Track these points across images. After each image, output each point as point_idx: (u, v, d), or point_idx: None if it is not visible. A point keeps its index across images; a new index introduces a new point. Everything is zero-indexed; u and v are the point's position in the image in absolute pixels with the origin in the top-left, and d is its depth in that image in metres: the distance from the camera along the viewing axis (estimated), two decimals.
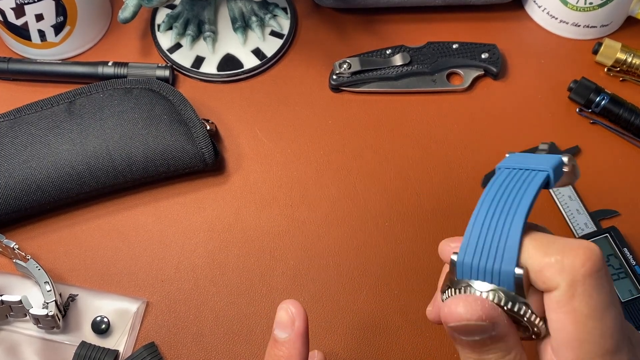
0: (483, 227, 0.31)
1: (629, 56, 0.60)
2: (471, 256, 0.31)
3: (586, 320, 0.29)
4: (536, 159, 0.34)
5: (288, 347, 0.34)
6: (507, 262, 0.30)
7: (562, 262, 0.29)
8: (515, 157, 0.35)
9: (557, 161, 0.33)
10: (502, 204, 0.31)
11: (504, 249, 0.30)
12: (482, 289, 0.30)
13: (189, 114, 0.54)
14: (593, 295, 0.29)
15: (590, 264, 0.29)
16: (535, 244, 0.30)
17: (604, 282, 0.29)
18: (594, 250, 0.29)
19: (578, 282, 0.29)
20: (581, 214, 0.53)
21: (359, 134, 0.58)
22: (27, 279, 0.50)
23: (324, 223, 0.54)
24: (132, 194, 0.55)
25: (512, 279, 0.30)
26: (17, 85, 0.60)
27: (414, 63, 0.60)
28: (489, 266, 0.30)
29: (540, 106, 0.60)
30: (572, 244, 0.30)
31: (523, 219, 0.30)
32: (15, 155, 0.51)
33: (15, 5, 0.55)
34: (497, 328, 0.30)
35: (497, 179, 0.33)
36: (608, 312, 0.29)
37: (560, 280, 0.29)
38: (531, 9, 0.65)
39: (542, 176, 0.32)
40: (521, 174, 0.33)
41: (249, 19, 0.62)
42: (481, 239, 0.31)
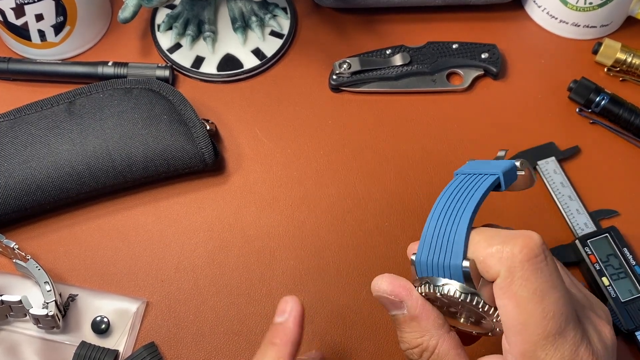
0: (436, 227, 0.34)
1: (628, 56, 0.60)
2: (426, 254, 0.34)
3: (526, 303, 0.31)
4: (490, 165, 0.36)
5: (283, 328, 0.36)
6: (455, 256, 0.33)
7: (502, 251, 0.31)
8: (473, 164, 0.38)
9: (509, 165, 0.36)
10: (452, 205, 0.34)
11: (452, 245, 0.33)
12: (439, 283, 0.33)
13: (189, 114, 0.54)
14: (531, 279, 0.31)
15: (527, 250, 0.31)
16: (480, 237, 0.33)
17: (543, 266, 0.31)
18: (532, 238, 0.31)
19: (516, 267, 0.31)
20: (581, 213, 0.53)
21: (359, 134, 0.58)
22: (27, 279, 0.50)
23: (324, 223, 0.54)
24: (132, 194, 0.55)
25: (460, 271, 0.33)
26: (17, 85, 0.60)
27: (414, 63, 0.60)
28: (440, 261, 0.33)
29: (540, 106, 0.60)
30: (513, 234, 0.32)
31: (469, 216, 0.33)
32: (15, 155, 0.51)
33: (15, 5, 0.55)
34: (408, 308, 0.35)
35: (452, 184, 0.36)
36: (548, 295, 0.31)
37: (500, 268, 0.31)
38: (531, 9, 0.65)
39: (491, 179, 0.35)
40: (473, 178, 0.36)
41: (248, 19, 0.62)
42: (434, 238, 0.34)
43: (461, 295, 0.32)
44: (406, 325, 0.35)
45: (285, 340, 0.36)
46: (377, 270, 0.51)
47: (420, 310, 0.35)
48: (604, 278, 0.49)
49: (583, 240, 0.51)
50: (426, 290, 0.34)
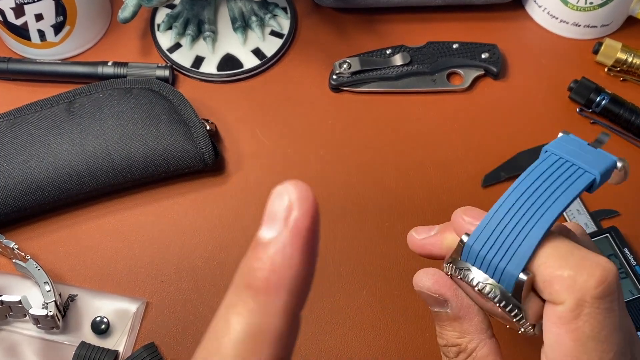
0: (505, 217, 0.29)
1: (629, 56, 0.60)
2: (481, 244, 0.29)
3: (587, 340, 0.28)
4: (589, 154, 0.31)
5: (273, 252, 0.23)
6: (515, 264, 0.28)
7: (575, 279, 0.27)
8: (568, 143, 0.32)
9: (610, 164, 0.31)
10: (534, 198, 0.29)
11: (516, 250, 0.28)
12: (480, 278, 0.30)
13: (189, 114, 0.54)
14: (599, 318, 0.28)
15: (604, 287, 0.27)
16: (551, 252, 0.28)
17: (614, 306, 0.28)
18: (611, 271, 0.28)
19: (587, 302, 0.27)
20: (582, 214, 0.53)
21: (359, 134, 0.58)
22: (26, 279, 0.50)
23: (324, 223, 0.53)
24: (132, 194, 0.54)
25: (513, 282, 0.29)
26: (16, 85, 0.60)
27: (414, 63, 0.60)
28: (495, 261, 0.29)
29: (540, 106, 0.60)
30: (590, 260, 0.28)
31: (550, 223, 0.28)
32: (15, 155, 0.51)
33: (14, 5, 0.55)
34: (452, 309, 0.32)
35: (540, 165, 0.30)
36: (612, 337, 0.28)
37: (568, 297, 0.28)
38: (531, 8, 0.65)
39: (587, 179, 0.30)
40: (567, 167, 0.30)
41: (248, 18, 0.62)
42: (498, 230, 0.29)
43: (501, 302, 0.29)
44: (447, 324, 0.33)
45: (278, 285, 0.23)
46: (376, 271, 0.51)
47: (465, 312, 0.32)
48: None
49: None
50: (463, 277, 0.30)
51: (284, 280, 0.22)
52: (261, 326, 0.20)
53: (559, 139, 0.32)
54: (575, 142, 0.32)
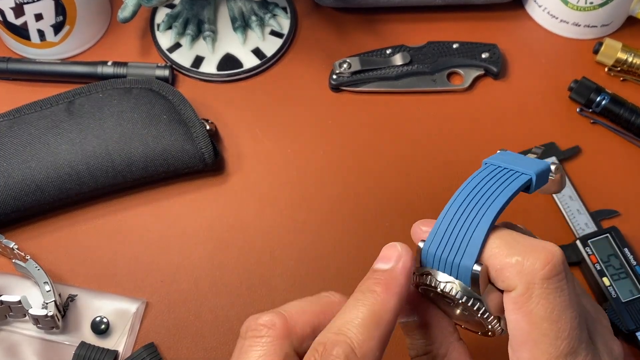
0: (453, 219, 0.32)
1: (629, 56, 0.60)
2: (436, 246, 0.32)
3: (541, 321, 0.29)
4: (524, 162, 0.34)
5: (387, 277, 0.31)
6: (468, 257, 0.31)
7: (522, 264, 0.29)
8: (505, 155, 0.35)
9: (544, 167, 0.34)
10: (477, 199, 0.32)
11: (467, 244, 0.31)
12: (442, 279, 0.32)
13: (189, 114, 0.54)
14: (549, 298, 0.29)
15: (550, 267, 0.29)
16: (499, 243, 0.30)
17: (563, 285, 0.29)
18: (555, 254, 0.30)
19: (535, 284, 0.29)
20: (582, 214, 0.53)
21: (359, 134, 0.58)
22: (26, 279, 0.50)
23: (324, 223, 0.53)
24: (132, 194, 0.54)
25: (469, 274, 0.30)
26: (16, 85, 0.60)
27: (414, 63, 0.60)
28: (450, 259, 0.31)
29: (540, 106, 0.60)
30: (535, 245, 0.30)
31: (493, 217, 0.31)
32: (15, 155, 0.51)
33: (14, 4, 0.55)
34: (418, 316, 0.33)
35: (480, 173, 0.33)
36: (564, 315, 0.29)
37: (518, 282, 0.29)
38: (531, 8, 0.65)
39: (523, 179, 0.33)
40: (504, 172, 0.33)
41: (248, 18, 0.62)
42: (449, 231, 0.31)
43: (463, 298, 0.31)
44: (416, 332, 0.34)
45: (391, 291, 0.30)
46: None
47: (431, 317, 0.33)
48: (604, 278, 0.49)
49: (584, 241, 0.51)
50: (426, 282, 0.32)
51: (397, 291, 0.30)
52: (380, 313, 0.29)
53: (497, 154, 0.35)
54: (512, 155, 0.35)
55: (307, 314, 0.31)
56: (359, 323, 0.29)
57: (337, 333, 0.29)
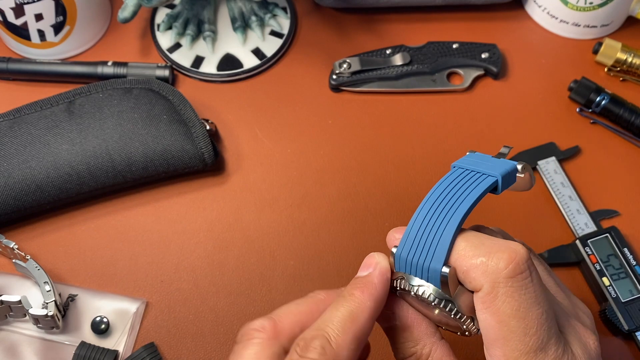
0: (422, 224, 0.33)
1: (629, 56, 0.60)
2: (407, 251, 0.33)
3: (508, 319, 0.30)
4: (491, 163, 0.35)
5: (364, 282, 0.33)
6: (436, 260, 0.32)
7: (487, 264, 0.31)
8: (473, 157, 0.36)
9: (510, 168, 0.34)
10: (444, 203, 0.33)
11: (436, 248, 0.32)
12: (415, 283, 0.33)
13: (189, 114, 0.54)
14: (514, 296, 0.30)
15: (513, 266, 0.30)
16: (465, 245, 0.32)
17: (527, 283, 0.31)
18: (518, 253, 0.31)
19: (500, 283, 0.30)
20: (581, 214, 0.53)
21: (359, 134, 0.58)
22: (26, 279, 0.50)
23: (324, 223, 0.53)
24: (132, 194, 0.54)
25: (439, 277, 0.31)
26: (16, 85, 0.60)
27: (414, 63, 0.60)
28: (420, 262, 0.32)
29: (540, 106, 0.60)
30: (499, 245, 0.31)
31: (459, 220, 0.32)
32: (15, 155, 0.51)
33: (14, 5, 0.55)
34: (399, 319, 0.34)
35: (447, 177, 0.34)
36: (531, 312, 0.30)
37: (484, 281, 0.31)
38: (531, 8, 0.65)
39: (489, 181, 0.33)
40: (471, 175, 0.34)
41: (248, 18, 0.62)
42: (418, 236, 0.32)
43: (435, 300, 0.32)
44: (399, 336, 0.35)
45: (367, 294, 0.32)
46: None
47: (412, 320, 0.34)
48: (604, 278, 0.49)
49: (583, 240, 0.51)
50: (400, 286, 0.33)
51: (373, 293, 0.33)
52: (356, 312, 0.32)
53: (465, 156, 0.36)
54: (480, 156, 0.36)
55: (295, 314, 0.33)
56: (337, 320, 0.31)
57: (317, 329, 0.31)
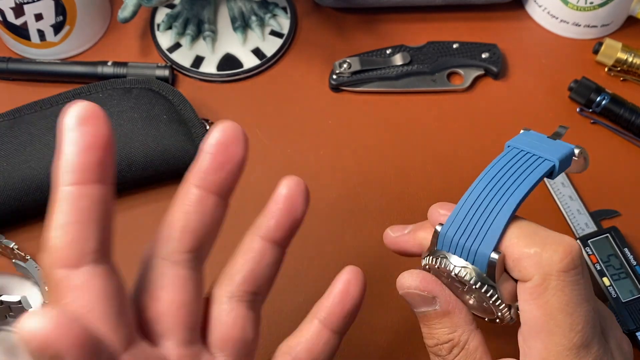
0: (474, 205, 0.32)
1: (629, 56, 0.60)
2: (454, 230, 0.32)
3: (556, 313, 0.30)
4: (548, 145, 0.34)
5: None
6: (486, 244, 0.31)
7: (541, 255, 0.30)
8: (529, 137, 0.34)
9: (568, 151, 0.33)
10: (499, 186, 0.32)
11: (487, 232, 0.31)
12: (457, 263, 0.32)
13: (189, 114, 0.54)
14: (565, 290, 0.30)
15: (568, 261, 0.30)
16: (518, 233, 0.31)
17: (579, 279, 0.30)
18: (574, 248, 0.30)
19: (552, 276, 0.30)
20: (582, 214, 0.53)
21: (359, 133, 0.58)
22: (26, 279, 0.50)
23: (324, 223, 0.53)
24: (132, 194, 0.54)
25: (486, 261, 0.31)
26: (16, 85, 0.60)
27: (414, 63, 0.60)
28: (467, 244, 0.31)
29: (540, 106, 0.60)
30: (554, 238, 0.31)
31: (515, 205, 0.31)
32: (15, 155, 0.51)
33: (14, 4, 0.55)
34: (440, 303, 0.33)
35: (503, 157, 0.33)
36: (579, 308, 0.30)
37: (535, 272, 0.30)
38: (532, 8, 0.65)
39: (546, 165, 0.32)
40: (528, 157, 0.33)
41: (248, 18, 0.62)
42: (468, 216, 0.32)
43: (477, 284, 0.31)
44: (437, 321, 0.34)
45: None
46: (377, 271, 0.51)
47: (454, 305, 0.33)
48: (604, 278, 0.49)
49: (584, 241, 0.51)
50: (440, 265, 0.32)
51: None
52: None
53: (520, 135, 0.35)
54: (535, 136, 0.35)
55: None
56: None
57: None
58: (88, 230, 0.26)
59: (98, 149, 0.25)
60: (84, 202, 0.26)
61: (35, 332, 0.21)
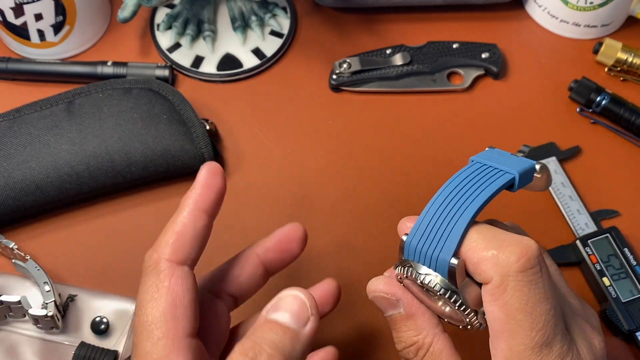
0: (436, 214, 0.33)
1: (629, 56, 0.60)
2: (418, 239, 0.33)
3: (516, 312, 0.30)
4: (510, 160, 0.35)
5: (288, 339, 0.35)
6: (445, 251, 0.32)
7: (498, 257, 0.31)
8: (492, 153, 0.36)
9: (528, 166, 0.34)
10: (459, 195, 0.33)
11: (447, 238, 0.32)
12: (421, 271, 0.33)
13: (189, 114, 0.54)
14: (524, 290, 0.30)
15: (524, 261, 0.30)
16: (477, 237, 0.32)
17: (537, 278, 0.31)
18: (530, 247, 0.31)
19: (510, 277, 0.30)
20: (582, 214, 0.53)
21: (359, 134, 0.58)
22: (26, 279, 0.50)
23: (324, 223, 0.53)
24: (132, 194, 0.54)
25: (447, 267, 0.31)
26: (16, 85, 0.60)
27: (414, 63, 0.60)
28: (429, 252, 0.32)
29: (540, 106, 0.60)
30: (511, 239, 0.31)
31: (473, 212, 0.32)
32: (15, 155, 0.51)
33: (14, 4, 0.55)
34: (404, 307, 0.34)
35: (465, 170, 0.34)
36: (539, 307, 0.30)
37: (494, 274, 0.31)
38: (532, 8, 0.65)
39: (506, 177, 0.33)
40: (489, 170, 0.34)
41: (248, 18, 0.62)
42: (430, 225, 0.32)
43: (441, 290, 0.32)
44: (402, 324, 0.35)
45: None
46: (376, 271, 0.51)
47: (416, 308, 0.35)
48: (604, 278, 0.49)
49: (584, 241, 0.51)
50: (407, 274, 0.33)
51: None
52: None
53: (484, 152, 0.36)
54: (499, 153, 0.36)
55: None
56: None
57: None
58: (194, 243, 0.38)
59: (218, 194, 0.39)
60: (199, 223, 0.38)
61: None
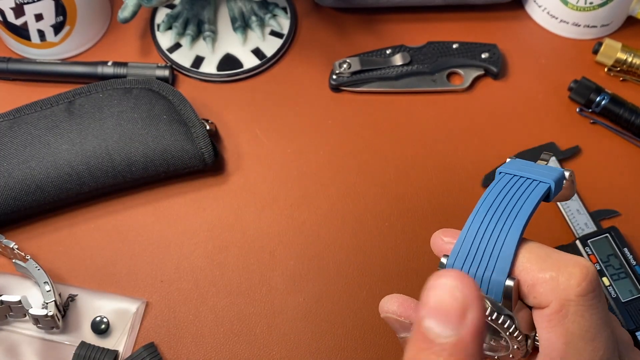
0: (478, 233, 0.30)
1: (629, 56, 0.60)
2: (462, 262, 0.30)
3: (577, 340, 0.28)
4: (538, 169, 0.33)
5: (454, 354, 0.25)
6: (499, 271, 0.29)
7: (557, 280, 0.28)
8: (517, 163, 0.34)
9: (559, 174, 0.32)
10: (500, 211, 0.31)
11: (497, 258, 0.29)
12: None
13: (189, 114, 0.54)
14: (585, 316, 0.28)
15: (586, 284, 0.28)
16: (530, 257, 0.29)
17: (597, 302, 0.28)
18: (590, 269, 0.29)
19: (571, 301, 0.28)
20: (581, 214, 0.53)
21: (359, 134, 0.58)
22: (26, 279, 0.50)
23: (324, 223, 0.53)
24: (132, 194, 0.54)
25: (502, 289, 0.29)
26: (16, 85, 0.60)
27: (414, 63, 0.60)
28: (479, 273, 0.29)
29: (540, 106, 0.60)
30: (568, 260, 0.29)
31: (521, 229, 0.30)
32: (15, 155, 0.51)
33: (14, 5, 0.55)
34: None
35: (498, 183, 0.32)
36: (600, 334, 0.28)
37: (553, 298, 0.28)
38: (531, 8, 0.65)
39: (543, 187, 0.31)
40: (522, 181, 0.32)
41: (248, 18, 0.62)
42: (474, 245, 0.30)
43: (493, 314, 0.29)
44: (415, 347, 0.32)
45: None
46: (376, 271, 0.51)
47: None
48: (604, 278, 0.49)
49: (583, 241, 0.51)
50: None
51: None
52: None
53: (508, 162, 0.34)
54: (523, 163, 0.34)
55: None
56: None
57: None
58: None
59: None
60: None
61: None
